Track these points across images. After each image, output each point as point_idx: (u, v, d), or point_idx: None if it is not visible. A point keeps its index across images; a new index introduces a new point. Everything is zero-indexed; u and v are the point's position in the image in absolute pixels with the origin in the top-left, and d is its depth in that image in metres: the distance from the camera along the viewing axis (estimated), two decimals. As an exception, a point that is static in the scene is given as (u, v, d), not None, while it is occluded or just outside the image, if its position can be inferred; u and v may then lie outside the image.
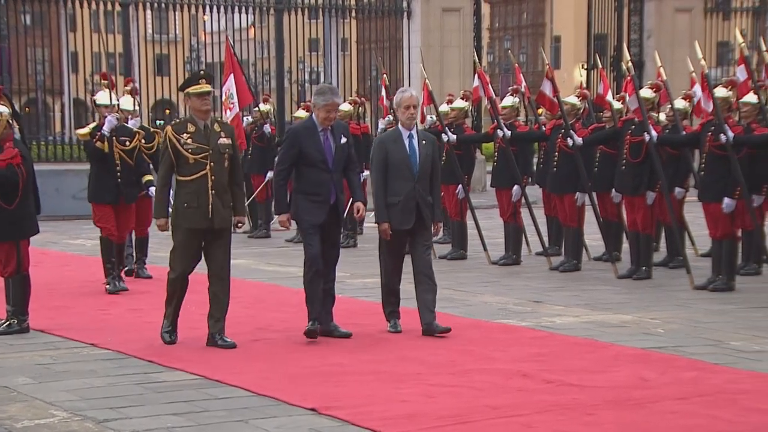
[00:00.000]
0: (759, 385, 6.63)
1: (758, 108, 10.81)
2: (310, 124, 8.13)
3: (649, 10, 24.32)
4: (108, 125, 10.40)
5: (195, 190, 7.75)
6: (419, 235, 8.32)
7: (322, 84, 8.91)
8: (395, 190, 8.22)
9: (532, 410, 6.10)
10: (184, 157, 7.77)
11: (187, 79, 8.11)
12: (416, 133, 8.37)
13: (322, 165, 8.02)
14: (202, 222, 7.76)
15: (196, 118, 7.89)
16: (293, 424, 5.92)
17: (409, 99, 8.34)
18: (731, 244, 10.50)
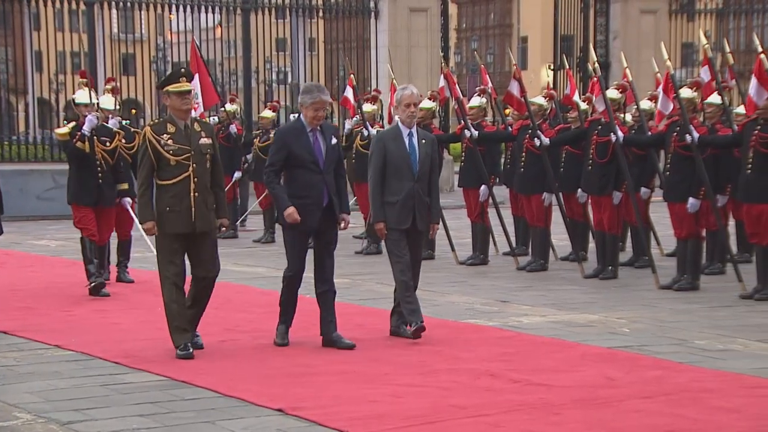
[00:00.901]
0: (723, 384, 6.68)
1: (722, 109, 10.91)
2: (299, 124, 7.84)
3: (615, 11, 24.48)
4: (89, 124, 10.15)
5: (178, 193, 7.44)
6: (412, 236, 8.11)
7: (309, 82, 8.57)
8: (394, 189, 8.01)
9: (500, 410, 6.11)
10: (165, 159, 7.45)
11: (166, 76, 7.75)
12: (416, 131, 8.15)
13: (313, 166, 7.72)
14: (185, 226, 7.47)
15: (175, 118, 7.56)
16: (261, 424, 5.90)
17: (410, 96, 8.11)
18: (696, 243, 10.58)
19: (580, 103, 12.16)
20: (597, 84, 11.35)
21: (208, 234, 7.60)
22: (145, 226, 7.62)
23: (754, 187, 9.85)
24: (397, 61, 19.95)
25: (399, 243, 8.04)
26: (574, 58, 24.56)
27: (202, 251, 7.59)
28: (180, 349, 7.45)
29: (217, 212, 7.69)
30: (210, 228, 7.60)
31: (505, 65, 58.12)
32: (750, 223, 10.10)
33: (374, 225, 8.14)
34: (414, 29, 23.07)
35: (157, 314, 9.23)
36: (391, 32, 22.91)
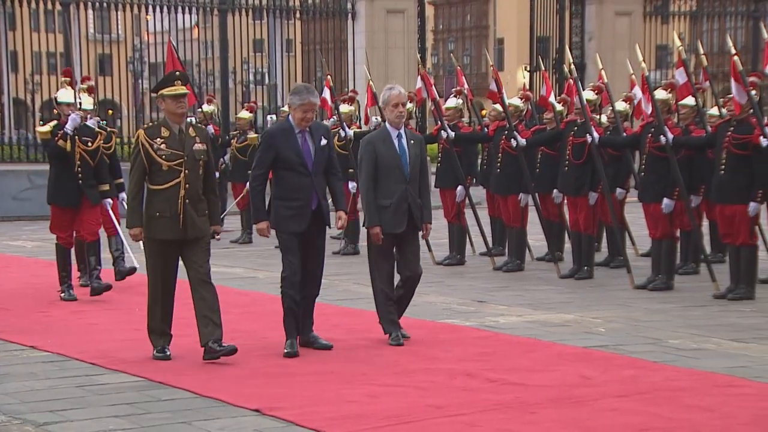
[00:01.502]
0: (697, 383, 6.71)
1: (696, 110, 10.97)
2: (287, 125, 7.63)
3: (590, 13, 24.58)
4: (71, 123, 9.94)
5: (167, 199, 7.22)
6: (408, 240, 7.92)
7: (298, 84, 8.14)
8: (386, 192, 7.79)
9: (476, 409, 6.12)
10: (158, 163, 7.22)
11: (161, 80, 7.54)
12: (404, 132, 7.95)
13: (302, 168, 7.51)
14: (174, 233, 7.25)
15: (170, 122, 7.32)
16: (237, 425, 5.89)
17: (397, 96, 7.86)
18: (670, 244, 10.63)
19: (555, 104, 12.20)
20: (573, 85, 11.39)
21: (200, 240, 7.36)
22: (131, 231, 7.38)
23: (727, 188, 9.90)
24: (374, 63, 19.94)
25: (386, 251, 7.85)
26: (549, 60, 24.63)
27: (195, 256, 7.34)
28: (157, 351, 7.41)
29: (210, 219, 7.46)
30: (202, 234, 7.36)
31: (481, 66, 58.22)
32: (723, 223, 10.16)
33: (369, 230, 7.87)
34: (391, 31, 23.08)
35: (134, 315, 9.20)
36: (368, 33, 22.91)
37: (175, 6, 22.55)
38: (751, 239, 9.97)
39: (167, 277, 7.42)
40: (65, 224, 10.16)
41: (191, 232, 7.29)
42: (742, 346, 7.84)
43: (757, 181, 9.83)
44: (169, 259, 7.40)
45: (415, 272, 7.96)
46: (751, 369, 7.09)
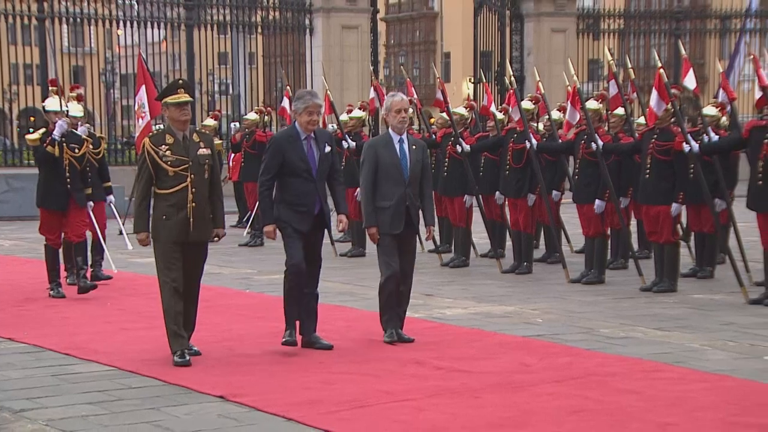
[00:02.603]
0: (626, 368, 6.76)
1: (625, 119, 11.06)
2: (293, 132, 7.31)
3: (529, 30, 24.73)
4: (59, 129, 9.76)
5: (175, 203, 6.94)
6: (405, 240, 7.64)
7: (300, 90, 7.67)
8: (386, 194, 7.52)
9: (425, 394, 6.13)
10: (164, 169, 6.93)
11: (165, 88, 7.20)
12: (406, 138, 7.67)
13: (306, 174, 7.21)
14: (181, 235, 6.97)
15: (174, 129, 7.03)
16: (203, 410, 5.85)
17: (399, 103, 7.61)
18: (602, 241, 10.72)
19: (496, 113, 12.25)
20: (513, 96, 11.44)
21: (203, 244, 7.13)
22: (138, 236, 7.09)
23: (651, 191, 10.01)
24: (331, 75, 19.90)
25: (390, 249, 7.56)
26: (492, 72, 24.73)
27: (194, 260, 7.09)
28: (177, 356, 6.92)
29: (215, 222, 7.18)
30: (206, 238, 7.12)
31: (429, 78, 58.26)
32: (648, 222, 10.26)
33: (367, 230, 7.64)
34: (346, 45, 23.06)
35: (106, 308, 9.13)
36: (324, 48, 22.88)
37: (144, 21, 22.37)
38: (673, 237, 10.08)
39: (176, 277, 7.02)
40: (53, 226, 9.96)
41: (197, 235, 7.03)
42: (666, 335, 7.92)
43: (679, 184, 9.95)
44: (178, 260, 7.03)
45: (407, 272, 7.66)
46: (673, 355, 7.17)
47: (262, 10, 23.97)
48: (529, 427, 5.44)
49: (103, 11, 22.02)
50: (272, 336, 7.82)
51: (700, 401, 5.91)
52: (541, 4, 24.66)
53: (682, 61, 10.66)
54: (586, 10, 26.60)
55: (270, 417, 5.69)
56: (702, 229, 10.87)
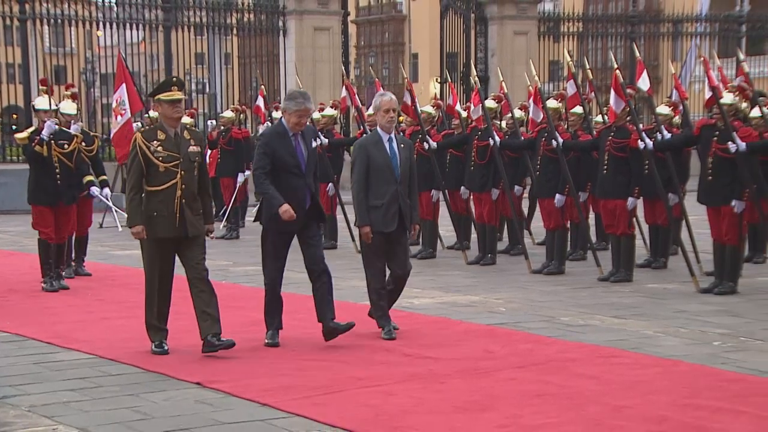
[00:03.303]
0: (584, 354, 6.80)
1: (583, 117, 11.11)
2: (281, 129, 7.08)
3: (492, 32, 24.76)
4: (47, 130, 9.56)
5: (164, 199, 6.76)
6: (397, 239, 7.41)
7: (294, 89, 7.48)
8: (378, 193, 7.27)
9: (393, 380, 6.13)
10: (155, 165, 6.75)
11: (158, 85, 6.99)
12: (395, 137, 7.43)
13: (296, 170, 7.01)
14: (171, 231, 6.78)
15: (166, 126, 6.83)
16: (180, 396, 5.82)
17: (388, 102, 7.34)
18: (562, 233, 10.76)
19: (461, 111, 12.26)
20: (477, 95, 11.46)
21: (197, 238, 6.89)
22: (133, 230, 6.87)
23: (609, 185, 10.06)
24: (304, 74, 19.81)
25: (378, 249, 7.35)
26: (457, 73, 24.76)
27: (193, 254, 6.88)
28: (155, 345, 6.88)
29: (205, 218, 7.00)
30: (198, 232, 6.90)
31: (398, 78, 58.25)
32: (606, 215, 10.32)
33: (360, 229, 7.39)
34: (318, 46, 22.98)
35: (86, 299, 9.05)
36: (297, 49, 22.78)
37: (123, 23, 22.18)
38: (629, 229, 10.14)
39: (164, 275, 6.93)
40: (46, 220, 9.78)
41: (187, 231, 6.83)
42: (622, 322, 7.96)
43: (634, 179, 10.01)
44: (166, 257, 6.90)
45: (405, 269, 7.49)
46: (629, 342, 7.21)
47: (238, 13, 23.87)
48: (493, 410, 5.45)
49: (83, 13, 21.82)
50: (247, 325, 7.79)
51: (654, 385, 5.95)
52: (504, 7, 24.70)
53: (636, 62, 10.72)
54: (547, 14, 26.66)
55: (245, 402, 5.68)
56: (656, 222, 10.95)
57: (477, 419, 5.29)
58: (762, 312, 8.31)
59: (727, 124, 9.00)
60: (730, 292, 9.15)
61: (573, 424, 5.17)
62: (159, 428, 5.20)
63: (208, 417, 5.40)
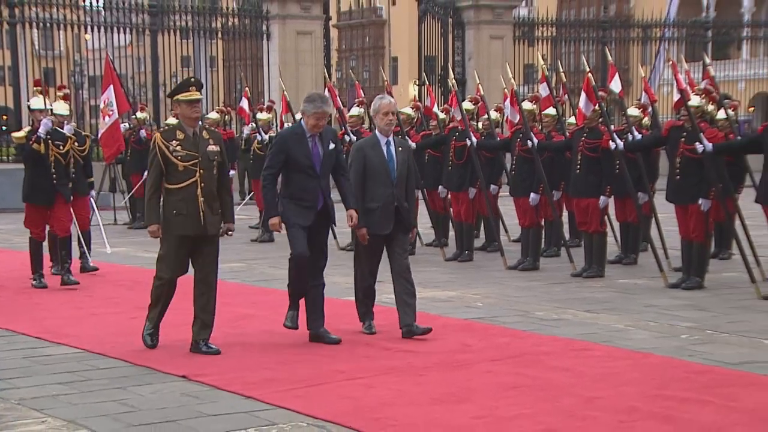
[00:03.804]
0: (558, 347, 6.82)
1: (556, 119, 11.15)
2: (299, 130, 6.90)
3: (469, 37, 24.79)
4: (43, 128, 9.45)
5: (184, 198, 6.57)
6: (397, 240, 7.21)
7: (313, 92, 7.35)
8: (374, 195, 7.09)
9: (374, 373, 6.13)
10: (174, 164, 6.57)
11: (176, 86, 6.80)
12: (393, 140, 7.20)
13: (310, 171, 6.81)
14: (191, 229, 6.60)
15: (184, 125, 6.68)
16: (167, 389, 5.80)
17: (387, 105, 7.16)
18: (536, 231, 10.79)
19: (439, 113, 12.27)
20: (455, 97, 11.47)
21: (213, 237, 6.73)
22: (150, 228, 6.70)
23: (581, 184, 10.10)
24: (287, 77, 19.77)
25: (373, 252, 7.20)
26: (435, 76, 24.77)
27: (206, 254, 6.72)
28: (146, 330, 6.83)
29: (224, 216, 6.81)
30: (215, 231, 6.73)
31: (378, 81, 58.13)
32: (579, 213, 10.35)
33: (357, 230, 7.19)
34: (301, 50, 22.94)
35: (76, 295, 9.01)
36: (281, 52, 22.73)
37: (111, 27, 22.05)
38: (601, 227, 10.18)
39: (177, 273, 6.72)
40: (38, 220, 9.68)
41: (206, 229, 6.65)
42: (594, 316, 7.99)
43: (606, 179, 10.05)
44: (183, 255, 6.71)
45: (403, 265, 7.22)
46: (601, 335, 7.24)
47: (222, 17, 23.81)
48: (470, 402, 5.46)
49: (71, 17, 21.68)
50: (231, 320, 7.77)
51: (624, 376, 5.98)
52: (480, 13, 24.73)
53: (608, 66, 10.77)
54: (522, 19, 26.73)
55: (229, 395, 5.66)
56: (627, 220, 11.00)
57: (454, 410, 5.29)
58: (727, 306, 8.37)
59: (694, 125, 9.05)
60: (697, 287, 9.20)
61: (547, 415, 5.19)
62: (145, 420, 5.18)
63: (194, 409, 5.38)
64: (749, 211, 10.34)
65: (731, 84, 32.95)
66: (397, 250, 7.23)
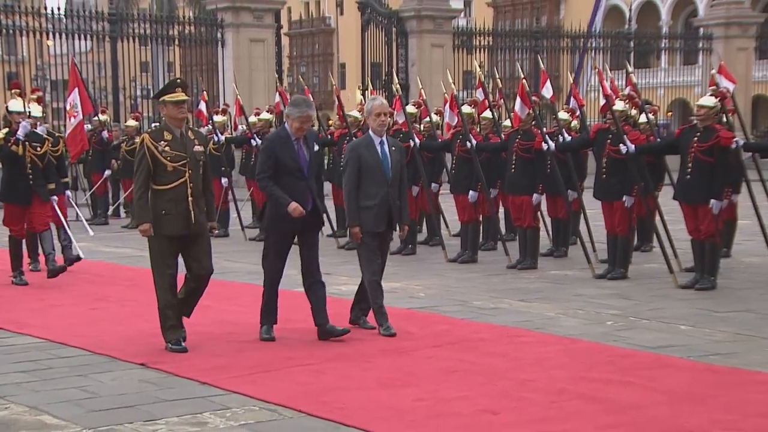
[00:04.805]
0: (494, 334, 6.86)
1: (493, 122, 11.20)
2: (284, 133, 6.62)
3: (412, 44, 24.81)
4: (22, 130, 9.21)
5: (174, 198, 6.29)
6: (383, 238, 7.01)
7: (297, 96, 7.06)
8: (370, 194, 6.84)
9: (323, 359, 6.11)
10: (163, 165, 6.28)
11: (163, 87, 6.54)
12: (386, 140, 6.98)
13: (298, 173, 6.57)
14: (180, 228, 6.32)
15: (171, 126, 6.39)
16: (126, 376, 5.71)
17: (380, 107, 6.92)
18: (475, 226, 10.83)
19: (385, 116, 12.22)
20: (399, 101, 11.47)
21: (202, 235, 6.48)
22: (141, 227, 6.36)
23: (516, 183, 10.17)
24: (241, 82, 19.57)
25: (373, 247, 6.92)
26: (380, 81, 24.76)
27: (199, 250, 6.45)
28: (172, 343, 6.35)
29: (208, 215, 6.56)
30: (203, 230, 6.48)
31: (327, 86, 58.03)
32: (514, 210, 10.43)
33: (351, 229, 6.97)
34: (254, 56, 22.75)
35: (37, 287, 8.83)
36: (235, 59, 22.51)
37: (72, 33, 21.65)
38: (534, 222, 10.26)
39: (173, 272, 6.42)
40: (17, 218, 9.42)
41: (195, 228, 6.40)
42: (528, 305, 8.04)
43: (538, 177, 10.13)
44: (173, 254, 6.43)
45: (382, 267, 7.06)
46: (534, 322, 7.29)
47: (179, 25, 23.55)
48: (413, 385, 5.46)
49: (34, 24, 21.24)
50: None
51: (555, 361, 6.03)
52: (422, 22, 24.77)
53: (540, 73, 10.85)
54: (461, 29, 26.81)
55: (186, 381, 5.59)
56: (557, 216, 11.10)
57: (399, 394, 5.29)
58: (649, 295, 8.49)
59: (618, 128, 9.16)
60: (621, 278, 9.32)
61: (484, 397, 5.21)
62: (105, 406, 5.09)
63: (152, 395, 5.31)
64: (668, 207, 10.52)
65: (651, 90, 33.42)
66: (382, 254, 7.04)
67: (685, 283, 8.80)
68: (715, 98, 8.79)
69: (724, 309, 7.75)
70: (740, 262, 10.34)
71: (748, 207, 9.97)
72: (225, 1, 22.58)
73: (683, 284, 8.81)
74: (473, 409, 4.98)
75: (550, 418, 4.83)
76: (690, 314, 7.54)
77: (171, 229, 6.33)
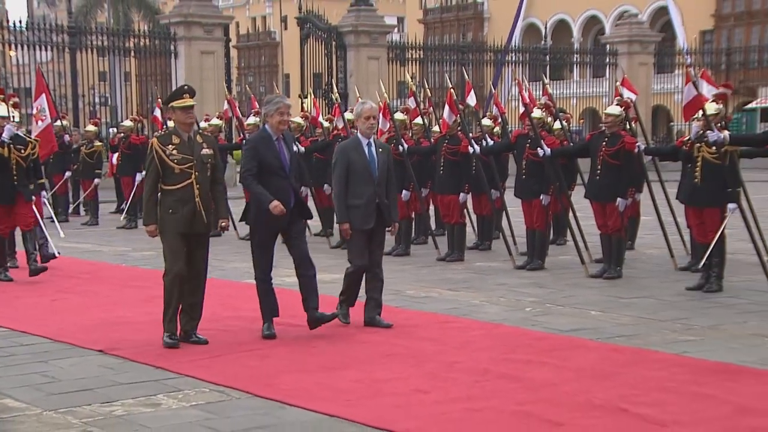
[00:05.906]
0: (425, 321, 6.89)
1: (423, 127, 11.25)
2: (265, 134, 6.32)
3: (350, 57, 24.80)
4: (7, 133, 8.88)
5: (180, 198, 6.09)
6: (376, 234, 6.77)
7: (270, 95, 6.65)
8: (357, 193, 6.60)
9: (268, 345, 6.07)
10: (170, 167, 6.08)
11: (171, 93, 6.36)
12: (373, 141, 6.74)
13: (281, 172, 6.29)
14: (186, 227, 6.11)
15: (180, 131, 6.19)
16: (86, 362, 5.59)
17: (369, 110, 6.66)
18: (408, 222, 10.85)
19: (323, 122, 12.22)
20: (338, 108, 11.44)
21: (205, 235, 6.26)
22: (147, 228, 6.17)
23: (444, 183, 10.22)
24: (192, 90, 19.34)
25: (361, 244, 6.69)
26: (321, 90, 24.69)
27: (199, 253, 6.24)
28: (167, 336, 6.09)
29: (218, 212, 6.32)
30: (207, 230, 6.24)
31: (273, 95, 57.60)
32: (442, 207, 10.48)
33: (340, 226, 6.74)
34: (204, 67, 22.47)
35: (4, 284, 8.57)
36: (187, 69, 22.21)
37: (34, 45, 21.10)
38: (461, 219, 10.33)
39: (182, 267, 6.12)
40: (1, 218, 9.06)
41: (201, 227, 6.18)
42: (455, 294, 8.09)
43: (464, 178, 10.20)
44: (182, 252, 6.15)
45: (374, 260, 6.81)
46: (461, 310, 7.34)
47: (135, 38, 23.18)
48: (352, 368, 5.46)
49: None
50: (143, 301, 7.56)
51: (480, 344, 6.08)
52: (359, 37, 24.76)
53: (466, 84, 10.94)
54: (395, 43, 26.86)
55: (142, 366, 5.50)
56: (482, 213, 11.19)
57: (338, 376, 5.28)
58: (563, 284, 8.62)
59: (536, 133, 9.28)
60: (539, 269, 9.45)
61: (415, 378, 5.23)
62: (65, 390, 4.98)
63: (109, 379, 5.20)
64: (579, 205, 10.69)
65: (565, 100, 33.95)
66: (373, 246, 6.79)
67: (594, 273, 8.96)
68: (620, 107, 8.95)
69: (628, 295, 7.91)
70: (642, 254, 10.56)
71: (649, 205, 10.19)
72: (177, 16, 22.29)
73: (593, 274, 8.97)
74: (406, 389, 4.99)
75: (475, 396, 4.87)
76: (599, 300, 7.68)
77: (177, 227, 6.12)
